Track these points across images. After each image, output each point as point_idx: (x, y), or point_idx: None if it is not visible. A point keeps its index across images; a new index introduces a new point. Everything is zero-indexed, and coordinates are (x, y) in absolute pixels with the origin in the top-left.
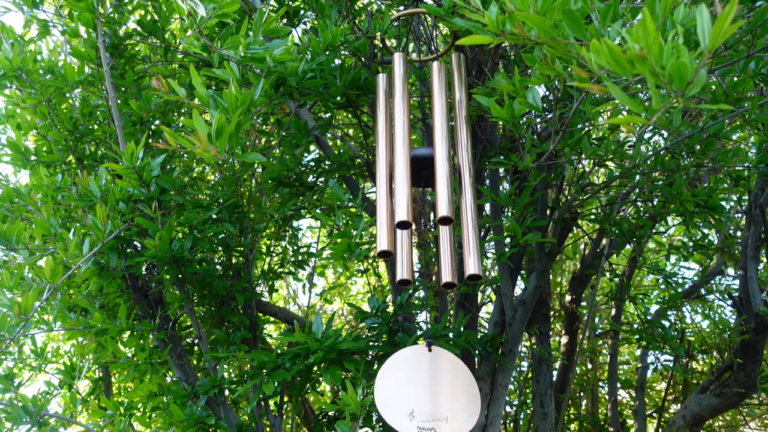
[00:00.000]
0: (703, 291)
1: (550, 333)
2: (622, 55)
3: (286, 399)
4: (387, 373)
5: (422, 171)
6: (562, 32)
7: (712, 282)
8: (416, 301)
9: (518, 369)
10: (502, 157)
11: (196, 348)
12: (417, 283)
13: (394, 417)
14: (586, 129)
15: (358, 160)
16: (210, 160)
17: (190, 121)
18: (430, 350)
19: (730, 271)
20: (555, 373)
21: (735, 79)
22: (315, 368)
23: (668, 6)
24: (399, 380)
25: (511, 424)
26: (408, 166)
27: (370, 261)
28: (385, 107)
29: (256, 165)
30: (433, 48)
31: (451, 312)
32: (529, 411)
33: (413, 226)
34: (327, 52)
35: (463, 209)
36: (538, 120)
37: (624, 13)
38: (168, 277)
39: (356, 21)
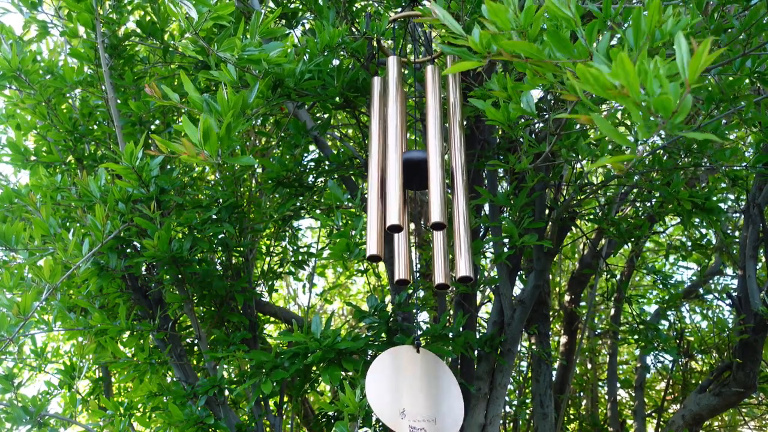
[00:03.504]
0: (701, 291)
1: (550, 333)
2: (610, 91)
3: (285, 399)
4: (375, 372)
5: (415, 174)
6: (548, 48)
7: (711, 281)
8: (415, 301)
9: (517, 369)
10: (500, 158)
11: (195, 348)
12: (416, 283)
13: (388, 415)
14: (584, 129)
15: (357, 161)
16: (201, 164)
17: (181, 126)
18: (418, 351)
19: (729, 270)
20: (554, 373)
21: (731, 78)
22: (314, 368)
23: (654, 22)
24: (388, 379)
25: (511, 424)
26: (400, 170)
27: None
28: (379, 111)
29: (255, 165)
30: (430, 49)
31: (451, 312)
32: (528, 411)
33: (412, 225)
34: (325, 53)
35: (456, 212)
36: (535, 121)
37: (617, 12)
38: (167, 277)
39: (354, 22)
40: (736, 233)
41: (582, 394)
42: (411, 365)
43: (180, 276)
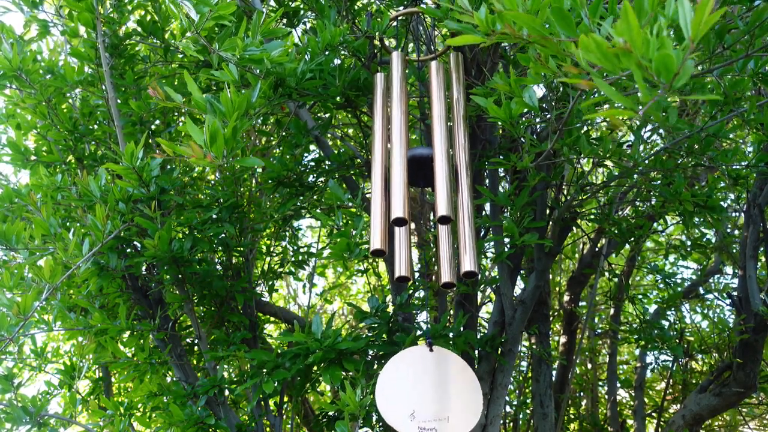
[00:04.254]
0: (701, 290)
1: (550, 333)
2: (610, 50)
3: (286, 399)
4: (388, 374)
5: (420, 171)
6: (553, 29)
7: (711, 281)
8: (416, 301)
9: (518, 369)
10: (501, 157)
11: (196, 348)
12: (417, 283)
13: (395, 418)
14: (585, 129)
15: (358, 160)
16: (207, 166)
17: (184, 127)
18: (431, 350)
19: (729, 270)
20: (554, 372)
21: (733, 78)
22: (315, 368)
23: (656, 0)
24: (400, 381)
25: (511, 424)
26: (405, 164)
27: (370, 261)
28: (382, 107)
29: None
30: (432, 48)
31: (451, 312)
32: (528, 411)
33: (413, 225)
34: (326, 52)
35: (460, 208)
36: (537, 120)
37: (614, 7)
38: (168, 277)
39: (355, 21)
40: (736, 232)
41: (582, 393)
42: (424, 365)
43: (180, 276)
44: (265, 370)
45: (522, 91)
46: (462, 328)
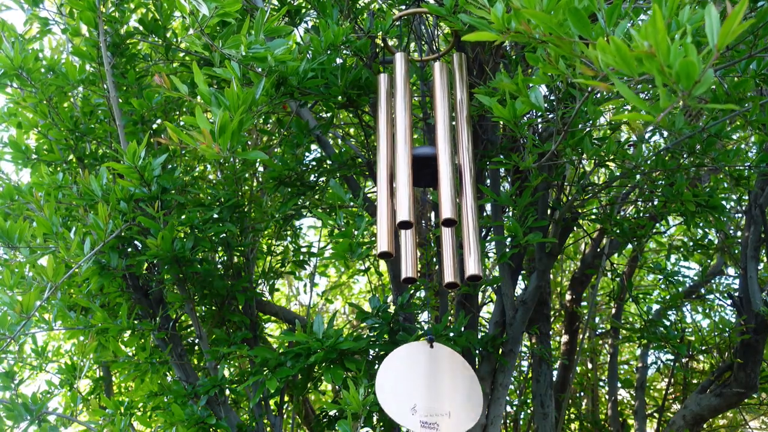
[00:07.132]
0: (703, 291)
1: (551, 333)
2: (630, 53)
3: (286, 399)
4: (388, 368)
5: (424, 170)
6: (567, 31)
7: (713, 282)
8: (417, 301)
9: (518, 369)
10: (502, 157)
11: (196, 347)
12: (418, 283)
13: (397, 411)
14: (588, 129)
15: (359, 160)
16: (212, 158)
17: (192, 119)
18: (431, 346)
19: (731, 270)
20: (555, 372)
21: (736, 79)
22: (316, 368)
23: (675, 6)
24: (400, 375)
25: (512, 424)
26: (409, 166)
27: (372, 260)
28: (386, 107)
29: (257, 164)
30: (434, 48)
31: (452, 312)
32: (529, 411)
33: (414, 226)
34: (328, 52)
35: (464, 209)
36: (540, 120)
37: (627, 11)
38: (169, 276)
39: (358, 20)
40: (738, 233)
41: (583, 394)
42: (425, 361)
43: (181, 275)
44: (267, 369)
45: (528, 90)
46: (463, 329)
